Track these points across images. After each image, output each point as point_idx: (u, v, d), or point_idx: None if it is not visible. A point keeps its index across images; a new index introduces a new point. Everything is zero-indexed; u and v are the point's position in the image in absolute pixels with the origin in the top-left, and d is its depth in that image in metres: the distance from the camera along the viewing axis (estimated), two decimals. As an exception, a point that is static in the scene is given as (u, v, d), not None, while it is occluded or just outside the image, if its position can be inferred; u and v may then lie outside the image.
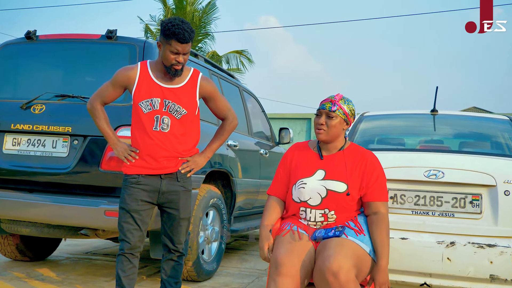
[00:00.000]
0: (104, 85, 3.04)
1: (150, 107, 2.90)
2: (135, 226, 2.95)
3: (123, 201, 2.95)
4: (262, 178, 5.50)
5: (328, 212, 2.62)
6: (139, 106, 2.91)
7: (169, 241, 3.08)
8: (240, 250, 6.24)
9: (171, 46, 2.81)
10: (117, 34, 3.84)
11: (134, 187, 2.94)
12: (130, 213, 2.93)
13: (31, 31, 4.05)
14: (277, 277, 2.41)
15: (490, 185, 3.02)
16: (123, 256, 2.96)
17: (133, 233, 2.95)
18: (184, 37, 2.79)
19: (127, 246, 2.95)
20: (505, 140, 3.82)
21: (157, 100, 2.90)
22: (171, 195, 3.00)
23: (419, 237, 3.03)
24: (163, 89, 2.92)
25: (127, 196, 2.94)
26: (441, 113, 4.15)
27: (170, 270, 3.10)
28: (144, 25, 19.88)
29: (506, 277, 2.85)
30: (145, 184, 2.94)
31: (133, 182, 2.94)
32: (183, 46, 2.82)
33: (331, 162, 2.69)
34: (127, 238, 2.94)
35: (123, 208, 2.95)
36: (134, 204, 2.94)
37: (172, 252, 3.10)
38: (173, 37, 2.79)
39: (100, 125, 3.03)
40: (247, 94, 5.72)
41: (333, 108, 2.65)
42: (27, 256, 4.76)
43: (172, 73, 2.89)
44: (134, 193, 2.93)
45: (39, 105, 3.75)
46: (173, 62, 2.84)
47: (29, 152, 3.73)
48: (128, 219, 2.94)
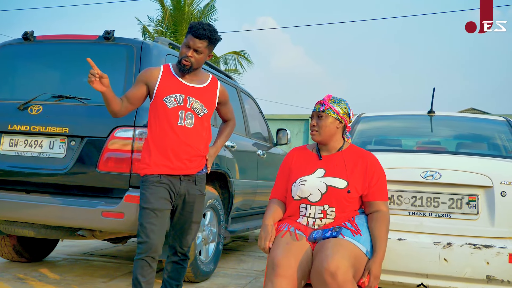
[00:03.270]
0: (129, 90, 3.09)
1: (174, 102, 2.93)
2: (159, 226, 2.87)
3: (146, 200, 2.89)
4: (260, 179, 5.50)
5: (327, 208, 2.63)
6: (164, 102, 2.93)
7: (177, 244, 3.06)
8: (238, 251, 6.24)
9: (186, 39, 2.94)
10: (114, 35, 3.84)
11: (156, 185, 2.90)
12: (155, 212, 2.87)
13: (29, 31, 4.04)
14: (274, 278, 2.41)
15: (487, 186, 3.02)
16: (144, 261, 2.85)
17: (156, 234, 2.86)
18: (198, 32, 2.89)
19: (149, 249, 2.84)
20: (502, 141, 3.83)
21: (181, 96, 2.95)
22: (189, 198, 3.01)
23: (416, 238, 3.04)
24: (187, 87, 2.99)
25: (150, 195, 2.88)
26: (438, 114, 4.16)
27: (173, 272, 3.09)
28: (141, 26, 19.86)
29: (503, 278, 2.85)
30: (166, 183, 2.92)
31: (155, 181, 2.90)
32: (195, 41, 2.90)
33: (330, 161, 2.72)
34: (150, 239, 2.84)
35: (147, 207, 2.87)
36: (159, 203, 2.89)
37: (178, 255, 3.08)
38: (189, 31, 2.91)
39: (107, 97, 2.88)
40: (244, 95, 5.73)
41: (321, 108, 2.73)
42: (24, 257, 4.75)
43: (180, 67, 2.95)
44: (157, 192, 2.89)
45: (36, 106, 3.74)
46: (183, 55, 2.93)
47: (26, 153, 3.73)
48: (152, 219, 2.86)
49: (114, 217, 3.44)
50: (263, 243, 2.61)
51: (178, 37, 19.01)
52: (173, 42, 4.39)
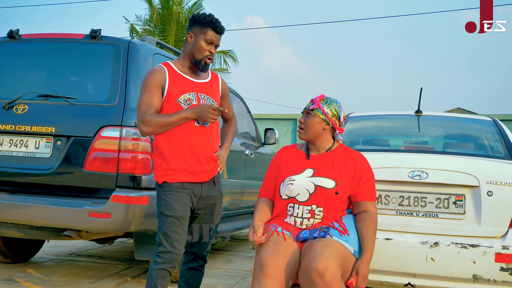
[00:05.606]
0: (144, 100, 2.74)
1: (189, 102, 2.76)
2: (183, 236, 2.72)
3: (169, 208, 2.70)
4: (248, 178, 5.49)
5: (315, 208, 2.63)
6: (178, 103, 2.74)
7: (197, 248, 2.91)
8: (226, 250, 6.23)
9: (206, 36, 2.76)
10: (101, 33, 3.81)
11: (180, 191, 2.73)
12: (180, 220, 2.70)
13: (14, 30, 3.99)
14: (262, 278, 2.40)
15: (474, 186, 3.04)
16: (166, 271, 2.69)
17: (181, 243, 2.71)
18: (220, 27, 2.78)
19: (174, 259, 2.69)
20: (489, 141, 3.86)
21: (193, 94, 2.80)
22: (210, 200, 2.87)
23: (403, 237, 3.05)
24: (196, 84, 2.84)
25: (174, 202, 2.71)
26: (426, 114, 4.18)
27: (192, 279, 2.93)
28: (129, 25, 19.77)
29: (489, 277, 2.87)
30: (189, 188, 2.76)
31: (178, 187, 2.73)
32: (218, 37, 2.80)
33: (319, 161, 2.72)
34: (176, 249, 2.68)
35: (171, 216, 2.69)
36: (183, 210, 2.73)
37: (197, 261, 2.93)
38: (210, 26, 2.75)
39: (169, 119, 2.69)
40: (232, 95, 5.71)
41: (311, 107, 2.72)
42: (9, 258, 4.70)
43: (201, 66, 2.80)
44: (181, 198, 2.73)
45: (21, 105, 3.70)
46: (206, 54, 2.78)
47: (12, 153, 3.68)
48: (177, 227, 2.69)
49: (100, 218, 3.40)
50: (251, 237, 2.59)
51: (166, 36, 18.96)
52: (161, 41, 4.37)
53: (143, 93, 2.76)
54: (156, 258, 2.72)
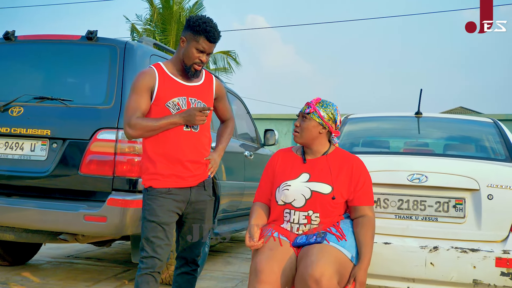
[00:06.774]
0: (132, 102, 2.69)
1: (178, 107, 2.70)
2: (167, 241, 2.69)
3: (152, 213, 2.67)
4: (247, 180, 5.46)
5: (312, 214, 2.58)
6: (166, 107, 2.69)
7: (188, 253, 2.88)
8: (225, 252, 6.20)
9: (198, 43, 2.67)
10: (97, 35, 3.77)
11: (165, 197, 2.69)
12: (162, 226, 2.67)
13: (10, 31, 3.97)
14: (257, 284, 2.36)
15: (474, 189, 3.00)
16: (150, 276, 2.66)
17: (164, 249, 2.68)
18: (214, 36, 2.68)
19: (156, 264, 2.66)
20: (490, 143, 3.81)
21: (183, 98, 2.73)
22: (199, 204, 2.82)
23: (402, 241, 3.01)
24: (186, 87, 2.76)
25: (158, 208, 2.67)
26: (426, 116, 4.13)
27: (185, 283, 2.89)
28: (130, 24, 19.76)
29: (489, 282, 2.83)
30: (176, 193, 2.71)
31: (163, 192, 2.69)
32: (210, 46, 2.71)
33: (315, 166, 2.67)
34: (158, 255, 2.65)
35: (153, 221, 2.66)
36: (167, 216, 2.68)
37: (189, 265, 2.90)
38: (203, 34, 2.66)
39: (156, 124, 2.65)
40: (231, 96, 5.67)
41: (307, 110, 2.68)
42: (7, 261, 4.67)
43: (191, 73, 2.73)
44: (165, 204, 2.68)
45: (17, 107, 3.67)
46: (196, 61, 2.70)
47: (7, 156, 3.65)
48: (159, 233, 2.66)
49: (96, 221, 3.37)
50: (247, 242, 2.55)
51: (167, 35, 18.93)
52: (158, 42, 4.33)
53: (131, 95, 2.70)
54: (140, 264, 2.70)
